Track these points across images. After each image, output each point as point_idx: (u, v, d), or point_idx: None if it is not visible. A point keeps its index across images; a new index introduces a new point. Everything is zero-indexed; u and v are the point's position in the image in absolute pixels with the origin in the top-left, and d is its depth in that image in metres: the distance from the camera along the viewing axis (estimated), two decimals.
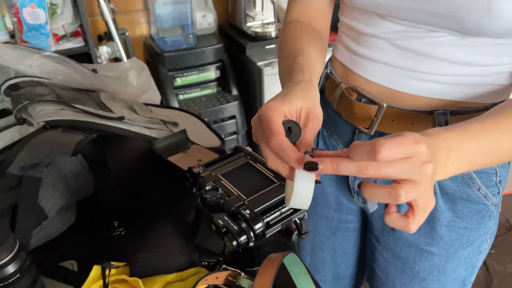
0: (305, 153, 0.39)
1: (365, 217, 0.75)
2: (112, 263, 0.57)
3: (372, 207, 0.46)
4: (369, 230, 0.75)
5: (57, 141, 0.59)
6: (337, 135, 0.70)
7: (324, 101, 0.72)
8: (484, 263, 1.63)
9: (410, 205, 0.39)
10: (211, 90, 1.90)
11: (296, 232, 0.64)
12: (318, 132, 0.73)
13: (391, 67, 0.59)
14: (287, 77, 0.51)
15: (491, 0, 0.45)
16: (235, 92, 1.86)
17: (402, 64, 0.57)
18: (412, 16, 0.53)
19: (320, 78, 0.73)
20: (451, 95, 0.57)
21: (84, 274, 0.57)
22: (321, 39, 0.64)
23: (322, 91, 0.73)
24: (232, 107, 1.82)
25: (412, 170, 0.36)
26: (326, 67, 0.72)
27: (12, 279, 0.50)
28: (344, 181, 0.71)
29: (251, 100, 1.87)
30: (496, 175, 0.60)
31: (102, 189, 0.69)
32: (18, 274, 0.50)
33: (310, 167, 0.37)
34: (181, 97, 1.85)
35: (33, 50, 0.88)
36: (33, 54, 0.85)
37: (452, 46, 0.53)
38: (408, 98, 0.59)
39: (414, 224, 0.38)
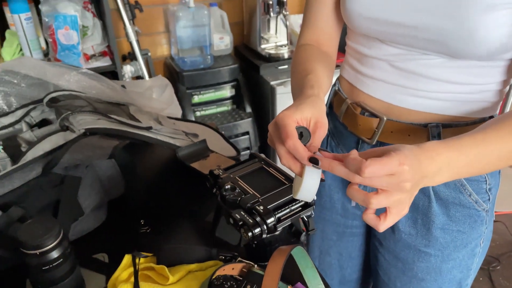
0: (314, 153, 0.47)
1: None
2: (141, 253, 0.64)
3: (353, 201, 0.53)
4: (372, 234, 0.81)
5: (97, 145, 0.68)
6: (343, 145, 0.77)
7: (332, 115, 0.80)
8: (490, 279, 1.65)
9: (386, 208, 0.46)
10: (226, 107, 2.00)
11: (304, 233, 0.72)
12: (326, 142, 0.81)
13: (390, 85, 0.67)
14: (298, 92, 0.59)
15: (473, 28, 0.53)
16: (249, 109, 1.95)
17: (400, 83, 0.65)
18: (408, 42, 0.61)
19: (329, 94, 0.81)
20: (443, 110, 0.64)
21: (114, 265, 0.64)
22: (328, 60, 0.73)
23: (330, 106, 0.81)
24: (246, 124, 1.91)
25: (391, 185, 0.43)
26: (334, 84, 0.81)
27: (55, 263, 0.57)
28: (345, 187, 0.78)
29: (264, 117, 1.96)
30: (486, 183, 0.67)
31: (131, 190, 0.77)
32: (61, 259, 0.57)
33: (313, 161, 0.45)
34: (198, 113, 1.94)
35: (70, 67, 0.98)
36: (71, 71, 0.96)
37: (442, 67, 0.61)
38: (405, 113, 0.66)
39: (384, 225, 0.45)
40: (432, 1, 0.56)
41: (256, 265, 0.63)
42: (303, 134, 0.51)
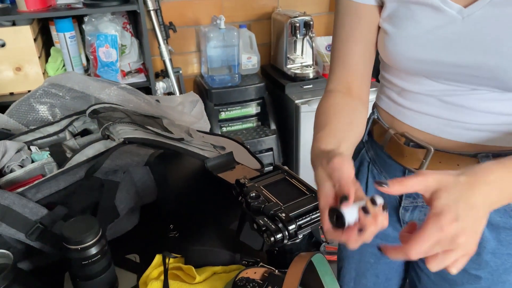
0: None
1: None
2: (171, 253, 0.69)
3: None
4: None
5: (134, 153, 0.74)
6: (387, 173, 0.76)
7: (372, 142, 0.79)
8: None
9: None
10: (251, 124, 2.06)
11: (323, 243, 0.75)
12: (368, 169, 0.80)
13: (437, 118, 0.65)
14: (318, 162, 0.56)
15: None
16: (273, 126, 2.00)
17: (448, 116, 0.64)
18: (457, 79, 0.60)
19: (368, 122, 0.78)
20: (494, 141, 0.63)
21: (145, 265, 0.69)
22: (357, 113, 0.68)
23: (369, 133, 0.80)
24: (270, 140, 1.96)
25: (445, 247, 0.44)
26: (372, 113, 0.79)
27: (94, 259, 0.62)
28: (393, 213, 0.76)
29: (288, 134, 2.01)
30: None
31: (163, 197, 0.83)
32: (99, 255, 0.63)
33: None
34: (224, 129, 2.01)
35: (111, 82, 1.06)
36: (111, 85, 1.04)
37: (494, 100, 0.60)
38: (453, 144, 0.65)
39: (454, 268, 0.46)
40: (485, 38, 0.55)
41: (277, 271, 0.66)
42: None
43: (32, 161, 0.82)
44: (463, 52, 0.57)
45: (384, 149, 0.74)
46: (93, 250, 0.63)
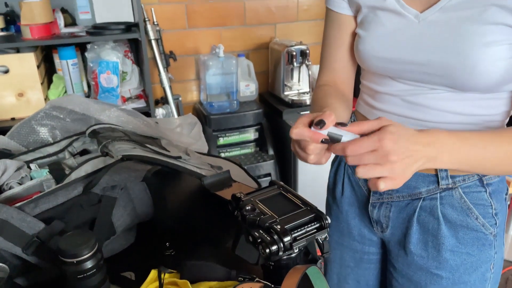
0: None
1: (385, 249, 0.84)
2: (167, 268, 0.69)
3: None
4: (388, 260, 0.83)
5: (132, 168, 0.75)
6: None
7: None
8: None
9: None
10: (249, 149, 2.08)
11: (320, 260, 0.75)
12: (344, 170, 0.86)
13: (401, 117, 0.73)
14: None
15: (474, 62, 0.60)
16: (271, 152, 2.02)
17: (410, 115, 0.71)
18: (416, 77, 0.68)
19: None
20: None
21: (140, 283, 0.69)
22: (344, 97, 0.80)
23: None
24: (268, 165, 1.97)
25: (376, 159, 0.51)
26: (351, 118, 0.87)
27: (89, 273, 0.62)
28: (365, 212, 0.82)
29: (286, 160, 2.02)
30: (492, 207, 0.70)
31: (159, 215, 0.84)
32: (94, 270, 0.63)
33: (317, 123, 0.54)
34: (222, 154, 2.03)
35: (111, 104, 1.09)
36: (111, 107, 1.06)
37: (449, 100, 0.67)
38: None
39: (382, 184, 0.53)
40: (436, 39, 0.63)
41: (273, 285, 0.66)
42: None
43: (31, 179, 0.83)
44: (419, 51, 0.65)
45: None
46: (89, 264, 0.62)
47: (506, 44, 0.59)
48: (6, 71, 1.58)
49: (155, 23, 1.95)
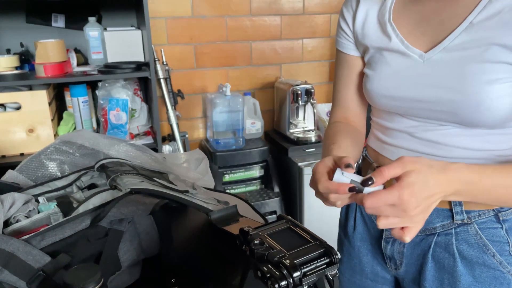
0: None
1: (398, 287, 0.82)
2: None
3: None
4: None
5: (140, 202, 0.75)
6: None
7: None
8: None
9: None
10: (255, 186, 2.07)
11: None
12: (356, 205, 0.86)
13: (411, 151, 0.73)
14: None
15: (479, 99, 0.61)
16: (277, 189, 2.01)
17: (420, 150, 0.72)
18: (424, 114, 0.69)
19: (358, 161, 0.88)
20: None
21: None
22: (355, 133, 0.81)
23: (359, 171, 0.88)
24: (274, 203, 1.96)
25: (394, 213, 0.53)
26: (362, 152, 0.88)
27: None
28: (378, 248, 0.81)
29: (291, 197, 2.01)
30: (509, 245, 0.68)
31: (165, 250, 0.82)
32: None
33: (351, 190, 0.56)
34: (228, 191, 2.02)
35: (120, 139, 1.11)
36: (120, 142, 1.08)
37: (458, 135, 0.67)
38: None
39: (407, 236, 0.55)
40: (441, 78, 0.65)
41: None
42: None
43: (39, 212, 0.83)
44: (424, 89, 0.67)
45: None
46: None
47: (509, 81, 0.60)
48: (18, 108, 1.62)
49: (165, 62, 2.01)
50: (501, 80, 0.60)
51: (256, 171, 2.06)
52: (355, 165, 0.89)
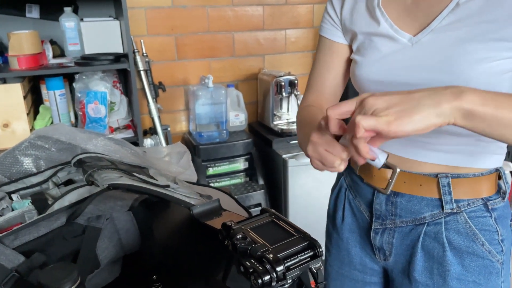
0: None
1: (387, 279, 0.82)
2: None
3: (378, 164, 0.58)
4: None
5: (119, 197, 0.72)
6: (360, 197, 0.81)
7: (348, 169, 0.85)
8: None
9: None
10: (239, 179, 2.06)
11: None
12: (344, 195, 0.85)
13: (402, 139, 0.71)
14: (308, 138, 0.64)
15: (467, 80, 0.60)
16: (261, 181, 2.00)
17: (411, 137, 0.70)
18: None
19: None
20: (451, 161, 0.69)
21: None
22: None
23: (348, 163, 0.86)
24: (258, 196, 1.95)
25: (364, 111, 0.51)
26: None
27: None
28: (367, 239, 0.80)
29: (276, 189, 2.00)
30: (498, 234, 0.68)
31: (146, 246, 0.80)
32: None
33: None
34: (212, 185, 2.00)
35: (98, 133, 1.07)
36: (98, 136, 1.04)
37: None
38: (416, 164, 0.72)
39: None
40: (429, 60, 0.64)
41: None
42: None
43: (12, 210, 0.80)
44: (413, 73, 0.66)
45: (357, 172, 0.80)
46: None
47: (497, 60, 0.60)
48: None
49: (145, 54, 1.97)
50: (490, 58, 0.60)
51: (240, 164, 2.05)
52: None
